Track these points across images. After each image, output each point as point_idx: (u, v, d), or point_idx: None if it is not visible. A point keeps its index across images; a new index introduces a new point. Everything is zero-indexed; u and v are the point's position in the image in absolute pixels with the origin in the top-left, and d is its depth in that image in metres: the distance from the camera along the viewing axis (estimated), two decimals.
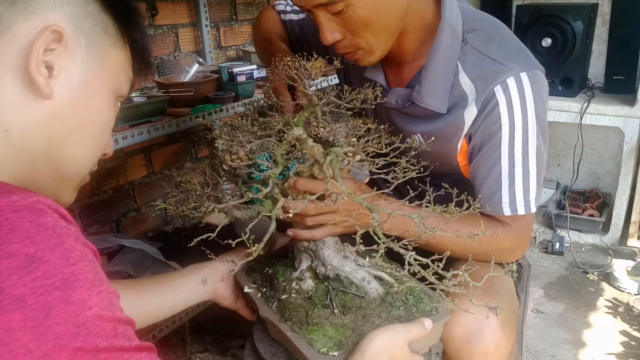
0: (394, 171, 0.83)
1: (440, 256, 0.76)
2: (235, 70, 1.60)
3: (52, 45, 0.54)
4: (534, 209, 0.98)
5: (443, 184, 0.87)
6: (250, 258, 0.80)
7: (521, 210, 0.97)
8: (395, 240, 0.76)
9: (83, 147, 0.60)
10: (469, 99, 0.96)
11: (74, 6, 0.56)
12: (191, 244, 0.76)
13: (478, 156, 0.99)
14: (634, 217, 2.43)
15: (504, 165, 0.96)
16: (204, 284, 0.94)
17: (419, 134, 1.03)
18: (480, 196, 0.94)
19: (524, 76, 0.93)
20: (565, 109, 2.43)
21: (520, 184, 0.97)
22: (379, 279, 0.88)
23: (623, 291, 2.15)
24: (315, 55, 0.87)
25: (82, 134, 0.59)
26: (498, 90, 0.93)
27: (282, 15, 1.28)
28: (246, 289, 0.94)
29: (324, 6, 0.86)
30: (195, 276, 0.94)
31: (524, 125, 0.94)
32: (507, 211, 0.97)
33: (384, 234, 0.78)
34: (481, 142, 0.98)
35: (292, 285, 0.88)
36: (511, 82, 0.93)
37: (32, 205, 0.46)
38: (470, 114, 0.97)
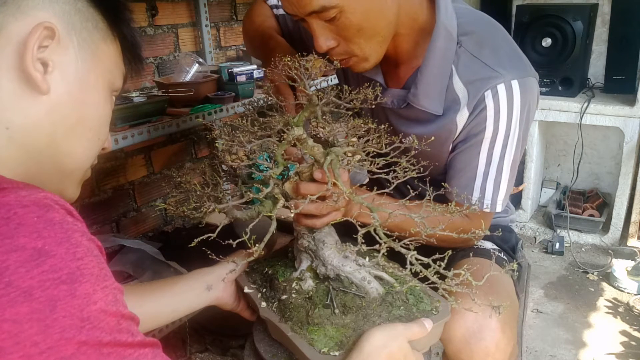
0: (394, 171, 0.83)
1: (442, 256, 0.76)
2: (235, 70, 1.60)
3: (46, 42, 0.55)
4: (498, 209, 1.03)
5: (443, 183, 0.88)
6: (252, 258, 0.80)
7: (486, 207, 1.02)
8: (397, 240, 0.76)
9: (84, 140, 0.60)
10: (461, 103, 0.97)
11: (63, 3, 0.57)
12: (191, 244, 0.76)
13: (457, 150, 1.02)
14: (634, 217, 2.43)
15: (480, 163, 1.00)
16: (209, 290, 0.93)
17: (412, 136, 1.04)
18: (450, 186, 0.99)
19: (514, 84, 0.94)
20: (565, 109, 2.43)
21: (492, 183, 1.01)
22: (379, 278, 0.88)
23: (623, 291, 2.16)
24: (315, 55, 0.87)
25: (82, 128, 0.60)
26: (488, 95, 0.95)
27: (275, 10, 1.27)
28: (246, 290, 0.93)
29: (316, 13, 0.86)
30: (200, 282, 0.93)
31: (507, 131, 0.98)
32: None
33: (385, 234, 0.78)
34: (464, 138, 1.01)
35: (293, 286, 0.88)
36: (501, 88, 0.94)
37: (39, 200, 0.46)
38: (462, 117, 0.98)
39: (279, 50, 1.03)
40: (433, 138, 0.88)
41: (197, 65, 1.65)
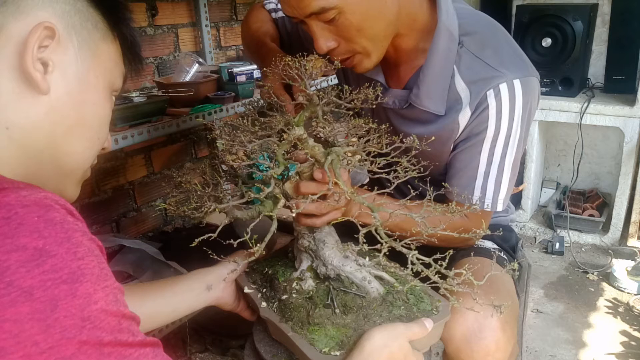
0: (395, 170, 0.83)
1: (443, 255, 0.76)
2: (235, 70, 1.60)
3: (46, 42, 0.55)
4: (499, 208, 1.03)
5: (443, 183, 0.88)
6: (253, 258, 0.80)
7: (487, 206, 1.02)
8: (398, 240, 0.76)
9: (84, 140, 0.61)
10: (463, 102, 0.98)
11: (63, 3, 0.57)
12: (192, 244, 0.76)
13: (459, 149, 1.02)
14: (634, 217, 2.43)
15: (482, 163, 1.00)
16: (209, 290, 0.93)
17: (413, 136, 1.04)
18: (451, 186, 0.98)
19: (517, 83, 0.95)
20: (565, 109, 2.43)
21: (493, 182, 1.01)
22: (379, 278, 0.88)
23: (623, 291, 2.16)
24: (316, 55, 0.87)
25: (82, 127, 0.60)
26: (490, 94, 0.95)
27: (273, 14, 1.27)
28: (246, 290, 0.93)
29: (316, 15, 0.86)
30: (200, 282, 0.93)
31: (509, 130, 0.98)
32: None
33: (385, 234, 0.78)
34: (465, 137, 1.01)
35: (293, 286, 0.88)
36: (504, 88, 0.94)
37: (40, 200, 0.46)
38: (464, 117, 0.98)
39: (271, 57, 1.03)
40: (433, 138, 0.88)
41: (197, 65, 1.65)
